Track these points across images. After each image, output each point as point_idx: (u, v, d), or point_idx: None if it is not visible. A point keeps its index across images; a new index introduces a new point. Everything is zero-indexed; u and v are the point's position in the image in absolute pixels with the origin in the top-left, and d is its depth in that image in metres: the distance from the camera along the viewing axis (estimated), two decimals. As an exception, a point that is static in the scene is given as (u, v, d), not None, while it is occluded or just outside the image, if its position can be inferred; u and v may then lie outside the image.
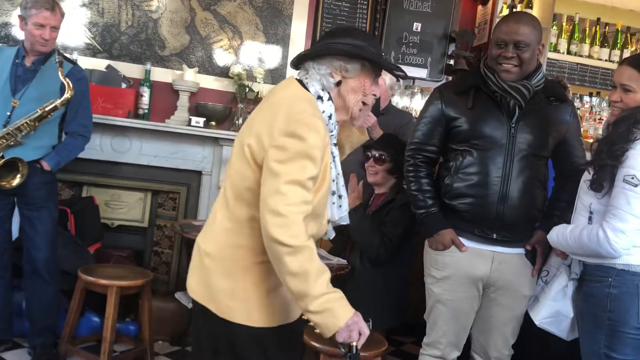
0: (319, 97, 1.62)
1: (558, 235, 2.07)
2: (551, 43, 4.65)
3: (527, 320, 2.28)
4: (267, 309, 1.59)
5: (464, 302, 2.27)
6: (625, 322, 1.93)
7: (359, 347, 1.50)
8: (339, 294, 1.49)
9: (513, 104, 2.19)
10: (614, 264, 1.95)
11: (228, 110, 3.85)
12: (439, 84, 3.61)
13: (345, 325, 1.46)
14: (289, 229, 1.45)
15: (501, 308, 2.28)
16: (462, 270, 2.23)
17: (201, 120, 3.76)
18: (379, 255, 2.89)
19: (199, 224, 3.43)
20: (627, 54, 4.65)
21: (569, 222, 2.12)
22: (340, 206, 1.71)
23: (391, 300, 2.95)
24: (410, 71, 4.30)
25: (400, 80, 4.53)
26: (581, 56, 4.73)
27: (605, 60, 4.75)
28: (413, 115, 3.82)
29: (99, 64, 3.75)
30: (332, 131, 1.66)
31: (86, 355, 3.10)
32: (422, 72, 4.47)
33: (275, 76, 4.02)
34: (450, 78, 4.42)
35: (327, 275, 1.49)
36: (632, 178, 1.88)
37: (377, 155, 2.96)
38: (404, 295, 3.06)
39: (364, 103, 1.68)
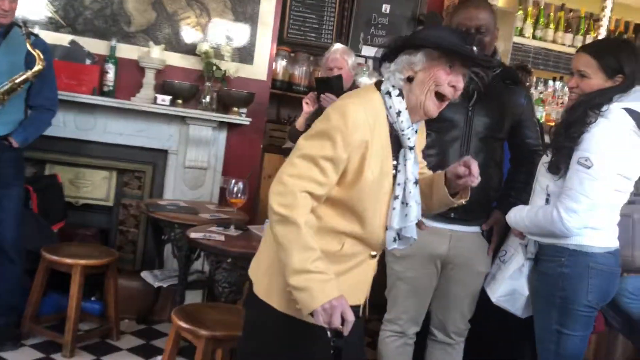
0: (387, 93, 1.57)
1: (516, 215, 2.14)
2: (517, 27, 4.71)
3: (486, 297, 2.35)
4: (288, 294, 1.52)
5: (423, 279, 2.33)
6: (575, 300, 2.01)
7: (344, 333, 1.44)
8: (326, 276, 1.44)
9: (472, 88, 2.24)
10: (567, 244, 2.02)
11: (195, 88, 3.81)
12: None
13: (322, 308, 1.42)
14: (284, 197, 1.47)
15: (458, 284, 2.34)
16: (421, 248, 2.26)
17: (167, 98, 3.72)
18: None
19: (165, 203, 3.43)
20: (589, 39, 4.74)
21: (524, 202, 2.18)
22: (406, 215, 1.58)
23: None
24: (378, 52, 4.31)
25: (369, 61, 4.54)
26: (545, 41, 4.81)
27: (569, 45, 4.84)
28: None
29: (62, 39, 3.66)
30: (403, 130, 1.56)
31: (50, 334, 3.09)
32: (390, 54, 4.48)
33: (243, 54, 3.98)
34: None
35: (314, 255, 1.45)
36: (586, 160, 1.94)
37: None
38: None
39: (438, 94, 1.54)
